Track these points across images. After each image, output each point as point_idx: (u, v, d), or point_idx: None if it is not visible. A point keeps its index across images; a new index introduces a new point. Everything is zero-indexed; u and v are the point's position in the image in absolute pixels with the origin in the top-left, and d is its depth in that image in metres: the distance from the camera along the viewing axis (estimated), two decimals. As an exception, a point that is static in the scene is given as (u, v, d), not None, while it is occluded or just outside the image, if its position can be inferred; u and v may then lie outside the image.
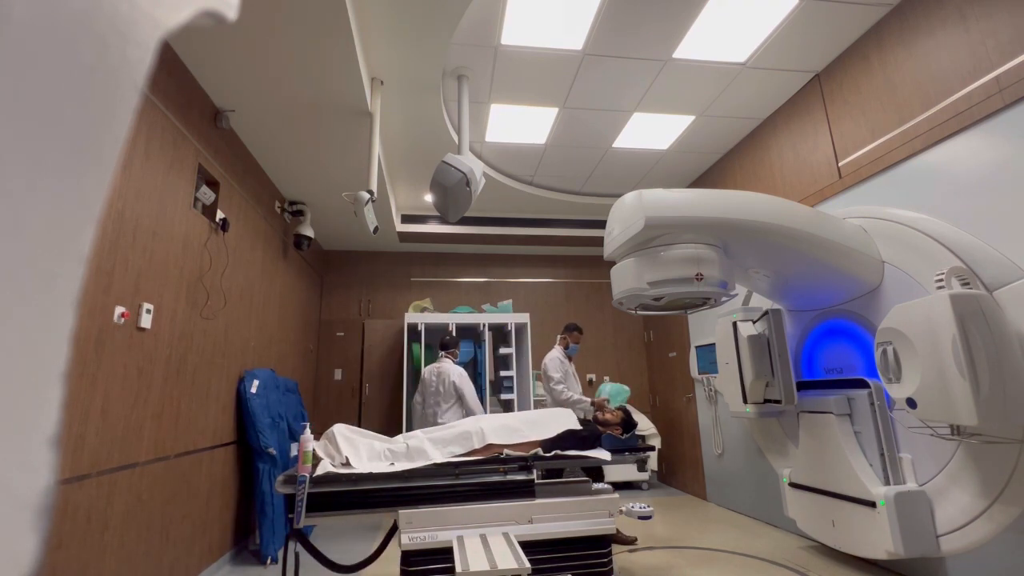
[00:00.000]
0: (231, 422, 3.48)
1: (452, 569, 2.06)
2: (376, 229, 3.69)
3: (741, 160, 4.74)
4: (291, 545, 2.39)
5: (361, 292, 6.45)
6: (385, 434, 2.93)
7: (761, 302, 3.88)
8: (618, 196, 3.28)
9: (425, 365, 5.48)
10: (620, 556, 3.25)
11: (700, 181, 5.49)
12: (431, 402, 4.31)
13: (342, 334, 6.16)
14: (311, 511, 2.33)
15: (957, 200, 2.66)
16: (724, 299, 2.92)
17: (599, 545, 2.54)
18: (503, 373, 5.63)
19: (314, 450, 2.47)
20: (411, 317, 5.53)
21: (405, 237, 6.10)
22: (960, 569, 2.58)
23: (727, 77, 3.83)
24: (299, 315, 5.22)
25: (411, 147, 4.45)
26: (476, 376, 5.72)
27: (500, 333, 5.91)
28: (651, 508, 2.87)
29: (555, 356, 4.19)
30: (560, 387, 4.01)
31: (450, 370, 4.34)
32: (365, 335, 6.17)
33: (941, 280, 2.43)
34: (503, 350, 5.66)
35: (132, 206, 2.40)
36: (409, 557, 2.36)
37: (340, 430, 2.72)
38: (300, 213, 4.75)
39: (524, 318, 5.64)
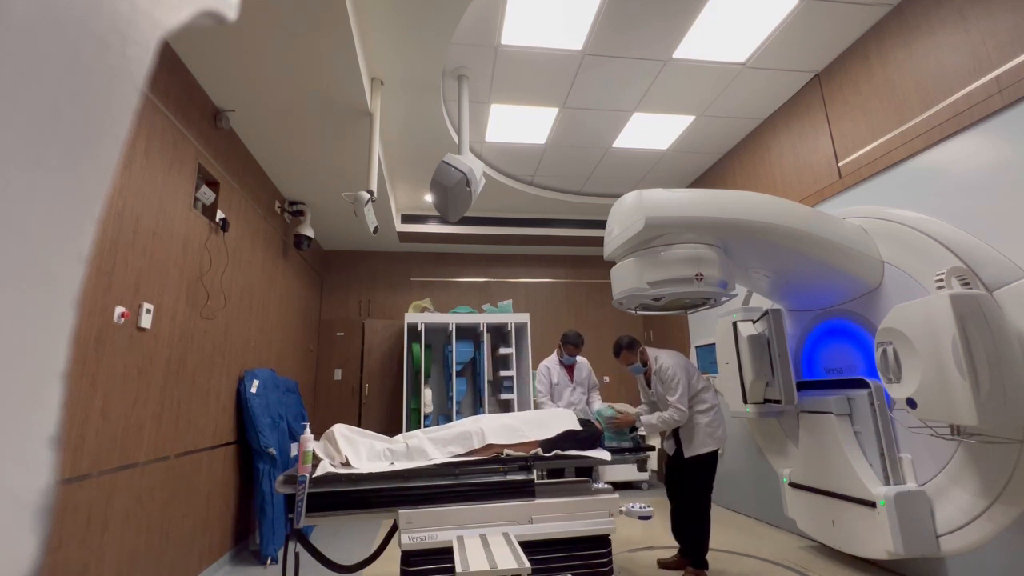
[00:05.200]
0: (231, 422, 3.48)
1: (452, 569, 2.06)
2: (376, 229, 3.69)
3: (741, 160, 4.74)
4: (291, 545, 2.39)
5: (361, 292, 6.45)
6: (385, 434, 2.93)
7: (761, 302, 3.88)
8: (618, 196, 3.28)
9: (426, 365, 5.49)
10: (620, 556, 3.25)
11: (700, 181, 5.48)
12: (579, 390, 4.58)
13: (342, 334, 6.16)
14: (311, 511, 2.33)
15: (957, 200, 2.66)
16: (724, 299, 2.92)
17: (599, 545, 2.54)
18: (503, 373, 5.62)
19: (314, 450, 2.46)
20: (411, 317, 5.53)
21: (405, 237, 6.10)
22: (960, 569, 2.58)
23: (727, 77, 3.83)
24: (299, 315, 5.21)
25: (411, 147, 4.45)
26: (475, 376, 5.73)
27: (499, 333, 5.91)
28: (651, 508, 2.87)
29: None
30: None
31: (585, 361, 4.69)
32: (365, 335, 6.17)
33: (941, 280, 2.43)
34: (503, 350, 5.65)
35: (132, 206, 2.40)
36: (409, 557, 2.36)
37: (340, 430, 2.72)
38: (300, 213, 4.75)
39: (524, 318, 5.63)
